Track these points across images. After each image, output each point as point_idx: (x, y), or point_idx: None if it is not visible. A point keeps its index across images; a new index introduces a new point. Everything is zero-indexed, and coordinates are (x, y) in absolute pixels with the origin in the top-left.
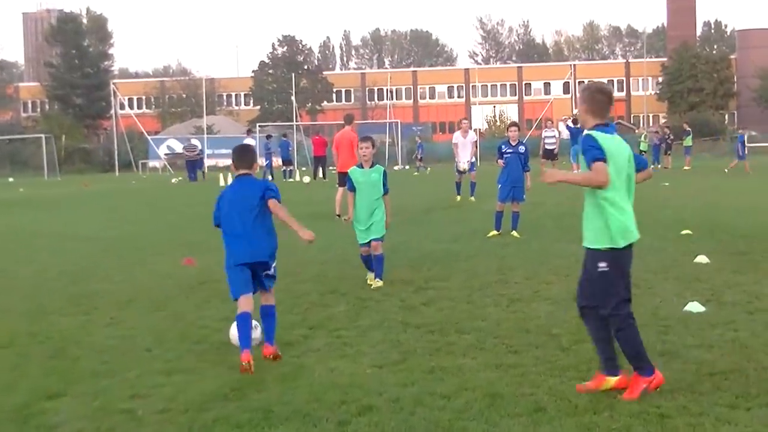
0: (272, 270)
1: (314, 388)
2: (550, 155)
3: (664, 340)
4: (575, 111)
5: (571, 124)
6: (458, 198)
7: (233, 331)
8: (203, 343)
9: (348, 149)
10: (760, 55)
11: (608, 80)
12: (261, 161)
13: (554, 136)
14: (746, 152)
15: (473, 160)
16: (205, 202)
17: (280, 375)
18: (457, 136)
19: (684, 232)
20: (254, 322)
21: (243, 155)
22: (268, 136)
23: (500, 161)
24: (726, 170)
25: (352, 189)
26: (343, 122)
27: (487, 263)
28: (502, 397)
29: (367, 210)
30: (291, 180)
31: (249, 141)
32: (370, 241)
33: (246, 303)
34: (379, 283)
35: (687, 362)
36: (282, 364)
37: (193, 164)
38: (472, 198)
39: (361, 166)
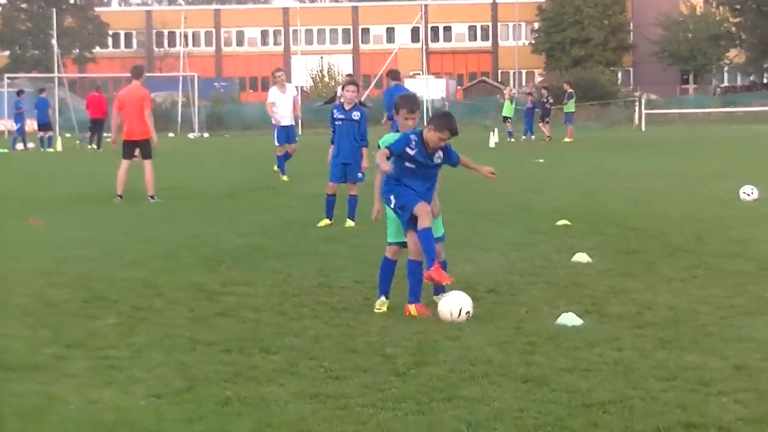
0: None
1: (67, 427)
2: None
3: (529, 362)
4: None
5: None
6: (285, 177)
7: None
8: None
9: (137, 111)
10: None
11: (470, 26)
12: (9, 124)
13: None
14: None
15: (293, 123)
16: None
17: (21, 409)
18: (273, 92)
19: (560, 222)
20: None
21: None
22: (20, 92)
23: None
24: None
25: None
26: (129, 75)
27: (306, 263)
28: None
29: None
30: (51, 149)
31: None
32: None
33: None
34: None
35: (557, 390)
36: (25, 394)
37: None
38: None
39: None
